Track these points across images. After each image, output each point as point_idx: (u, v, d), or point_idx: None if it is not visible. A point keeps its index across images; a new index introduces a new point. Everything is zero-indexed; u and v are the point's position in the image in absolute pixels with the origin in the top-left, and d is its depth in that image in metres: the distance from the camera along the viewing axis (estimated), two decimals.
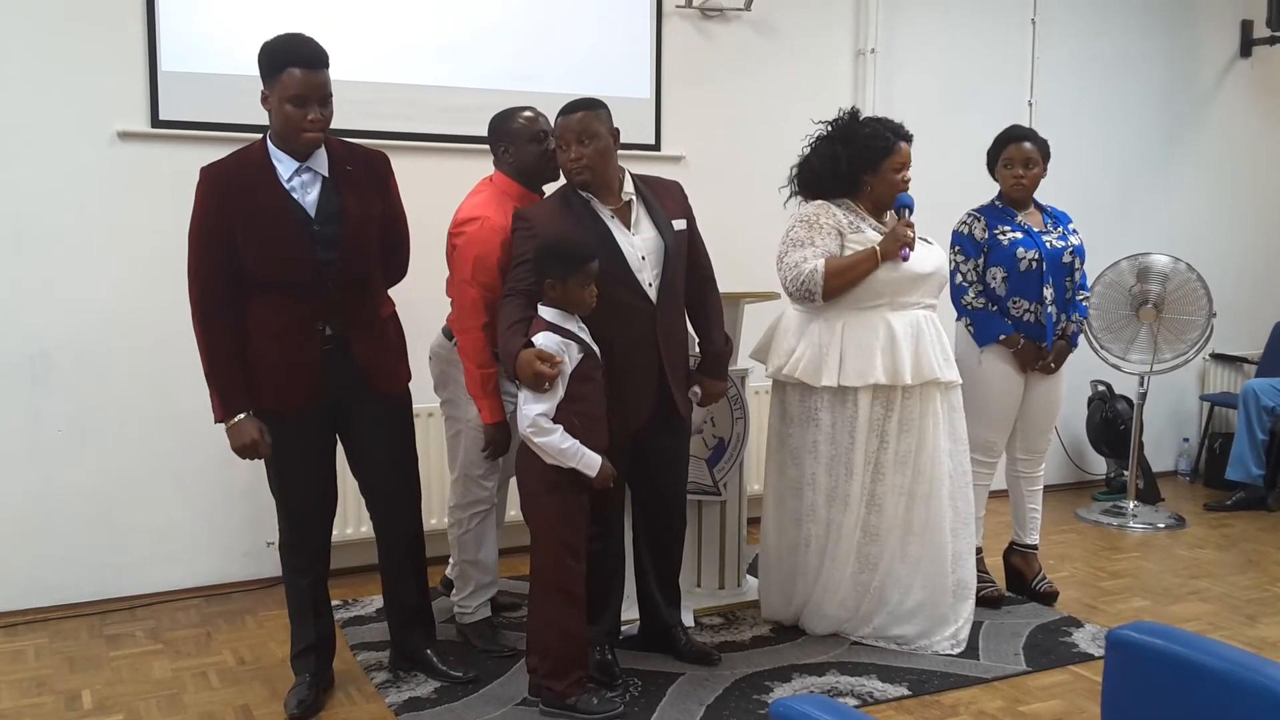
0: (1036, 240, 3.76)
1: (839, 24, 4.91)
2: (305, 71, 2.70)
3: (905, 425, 3.36)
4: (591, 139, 2.97)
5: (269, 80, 2.74)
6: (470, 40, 4.18)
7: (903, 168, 3.41)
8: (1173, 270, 4.92)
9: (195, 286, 2.80)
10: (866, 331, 3.34)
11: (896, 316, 3.35)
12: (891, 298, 3.36)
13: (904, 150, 3.42)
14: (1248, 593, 4.07)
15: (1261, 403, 5.21)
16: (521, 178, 3.27)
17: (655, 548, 3.29)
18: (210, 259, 2.78)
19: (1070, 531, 4.92)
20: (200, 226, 2.79)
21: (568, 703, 2.88)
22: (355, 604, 3.78)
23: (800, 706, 1.32)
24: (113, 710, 3.01)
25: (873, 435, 3.36)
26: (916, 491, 3.36)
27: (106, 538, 3.80)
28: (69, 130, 3.67)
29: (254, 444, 2.82)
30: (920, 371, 3.33)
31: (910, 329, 3.35)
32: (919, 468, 3.36)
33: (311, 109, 2.72)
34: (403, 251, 3.12)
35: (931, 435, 3.36)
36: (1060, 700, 3.10)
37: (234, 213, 2.75)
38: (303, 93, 2.70)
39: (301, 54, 2.71)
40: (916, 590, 3.39)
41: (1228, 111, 5.99)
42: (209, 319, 2.79)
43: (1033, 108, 5.29)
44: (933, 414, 3.37)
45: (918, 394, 3.36)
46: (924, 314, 3.39)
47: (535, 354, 2.73)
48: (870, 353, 3.32)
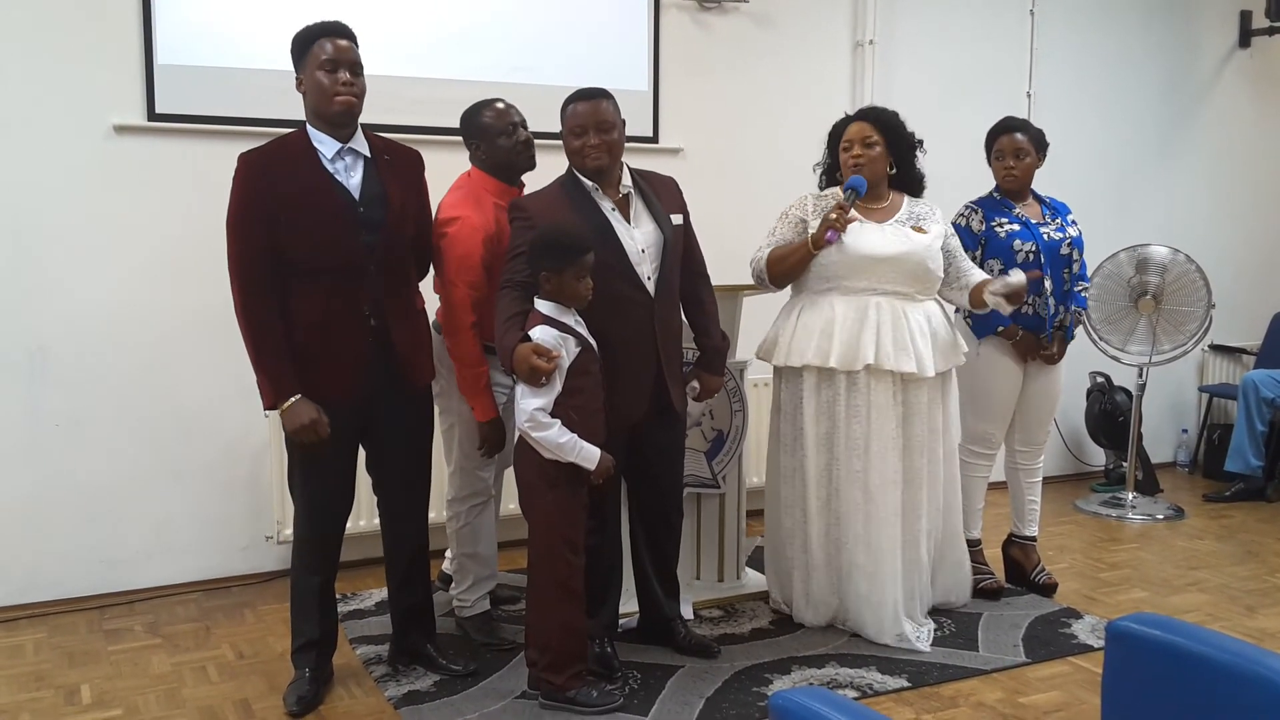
0: (1034, 232, 3.75)
1: (837, 15, 4.90)
2: (334, 40, 2.79)
3: (853, 411, 3.33)
4: (611, 127, 2.98)
5: (300, 60, 2.81)
6: (468, 33, 4.16)
7: (850, 145, 3.38)
8: (1171, 261, 4.92)
9: (237, 272, 2.78)
10: (815, 314, 3.36)
11: (844, 301, 3.33)
12: (838, 282, 3.34)
13: (852, 128, 3.39)
14: (1246, 584, 4.07)
15: (1261, 394, 5.21)
16: (497, 171, 3.24)
17: (653, 540, 3.29)
18: (252, 244, 2.76)
19: (1069, 523, 4.92)
20: (240, 212, 2.78)
21: (567, 695, 2.88)
22: (354, 598, 3.78)
23: (799, 698, 1.31)
24: (112, 705, 3.01)
25: (822, 418, 3.37)
26: (869, 483, 3.33)
27: (105, 532, 3.80)
28: (65, 124, 3.65)
29: (314, 423, 2.78)
30: (849, 358, 3.28)
31: (855, 314, 3.30)
32: (869, 458, 3.32)
33: (342, 73, 2.77)
34: (428, 252, 3.12)
35: (880, 425, 3.31)
36: (1060, 691, 3.10)
37: (275, 197, 2.75)
38: (333, 57, 2.77)
39: (329, 26, 2.82)
40: (882, 581, 3.36)
41: (1227, 102, 5.98)
42: (253, 304, 2.78)
43: (1031, 99, 5.28)
44: (883, 404, 3.31)
45: (864, 381, 3.31)
46: (881, 300, 3.31)
47: (532, 348, 2.72)
48: (810, 335, 3.34)
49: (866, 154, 3.36)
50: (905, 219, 3.40)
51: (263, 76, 3.79)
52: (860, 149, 3.36)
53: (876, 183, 3.40)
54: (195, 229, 3.63)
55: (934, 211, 3.48)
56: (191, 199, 3.72)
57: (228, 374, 3.74)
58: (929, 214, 3.46)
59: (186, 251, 3.73)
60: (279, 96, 3.66)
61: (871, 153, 3.36)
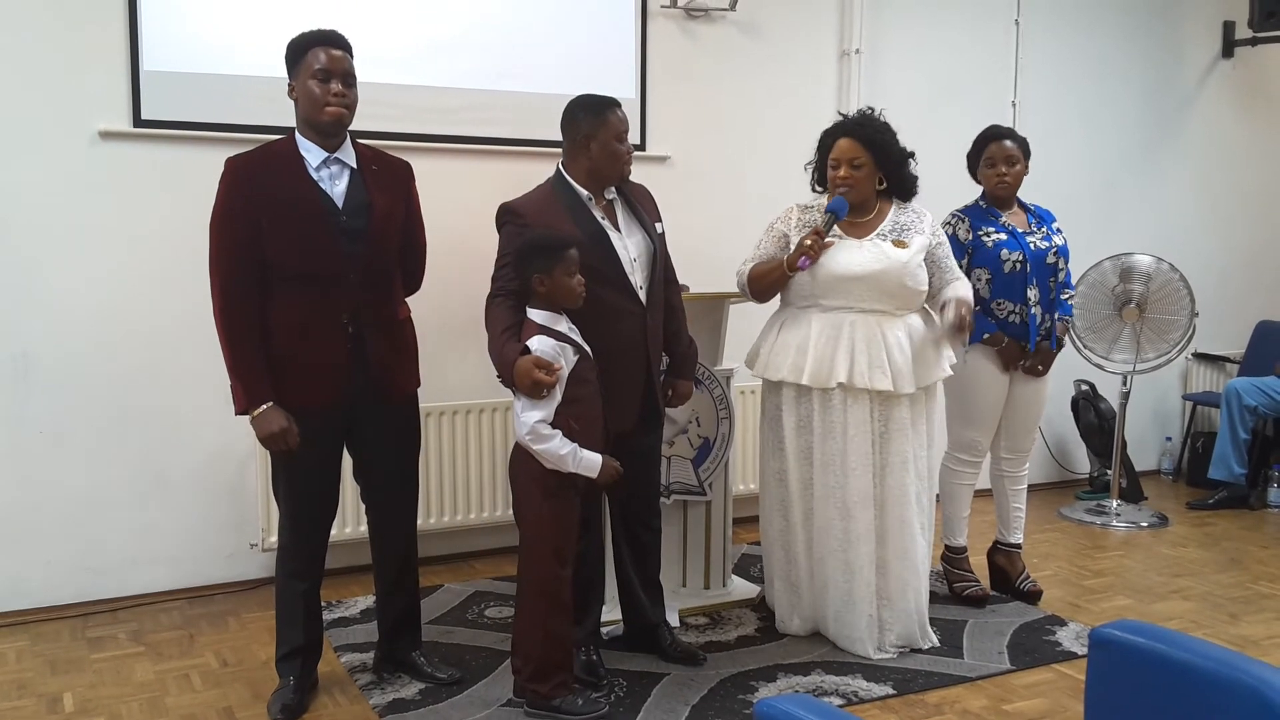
0: (1020, 241, 3.77)
1: (824, 25, 4.92)
2: (328, 50, 2.79)
3: (829, 429, 3.31)
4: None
5: (294, 68, 2.82)
6: (455, 40, 4.16)
7: (838, 164, 3.34)
8: (1155, 270, 4.95)
9: (217, 275, 2.78)
10: (794, 330, 3.37)
11: (821, 318, 3.32)
12: (816, 299, 3.34)
13: (840, 145, 3.35)
14: (1230, 591, 4.09)
15: (1244, 402, 5.24)
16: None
17: (635, 545, 3.28)
18: (234, 248, 2.76)
19: (1054, 530, 4.93)
20: (223, 215, 2.78)
21: (553, 704, 2.87)
22: (339, 605, 3.76)
23: (785, 706, 1.31)
24: (94, 713, 2.99)
25: (803, 431, 3.36)
26: (847, 500, 3.31)
27: (88, 539, 3.77)
28: (51, 129, 3.64)
29: (282, 431, 2.78)
30: (822, 375, 3.27)
31: (830, 332, 3.29)
32: (846, 476, 3.29)
33: (334, 83, 2.77)
34: (419, 262, 3.12)
35: (857, 444, 3.27)
36: (1044, 699, 3.11)
37: (260, 201, 2.75)
38: (326, 67, 2.77)
39: (324, 35, 2.82)
40: (855, 599, 3.34)
41: (1210, 112, 6.02)
42: (231, 308, 2.77)
43: (1016, 108, 5.31)
44: (859, 422, 3.27)
45: (839, 399, 3.28)
46: (856, 318, 3.27)
47: (533, 361, 2.71)
48: (787, 351, 3.35)
49: (853, 175, 3.32)
50: (888, 232, 3.35)
51: (249, 83, 3.78)
52: (847, 170, 3.32)
53: (863, 200, 3.38)
54: (181, 235, 3.62)
55: (922, 220, 3.41)
56: (177, 205, 3.70)
57: (212, 380, 3.67)
58: (915, 224, 3.39)
59: (172, 257, 3.72)
60: (265, 103, 3.67)
61: (858, 174, 3.33)
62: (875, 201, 3.42)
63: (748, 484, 4.68)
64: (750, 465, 4.68)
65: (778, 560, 3.52)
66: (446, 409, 4.15)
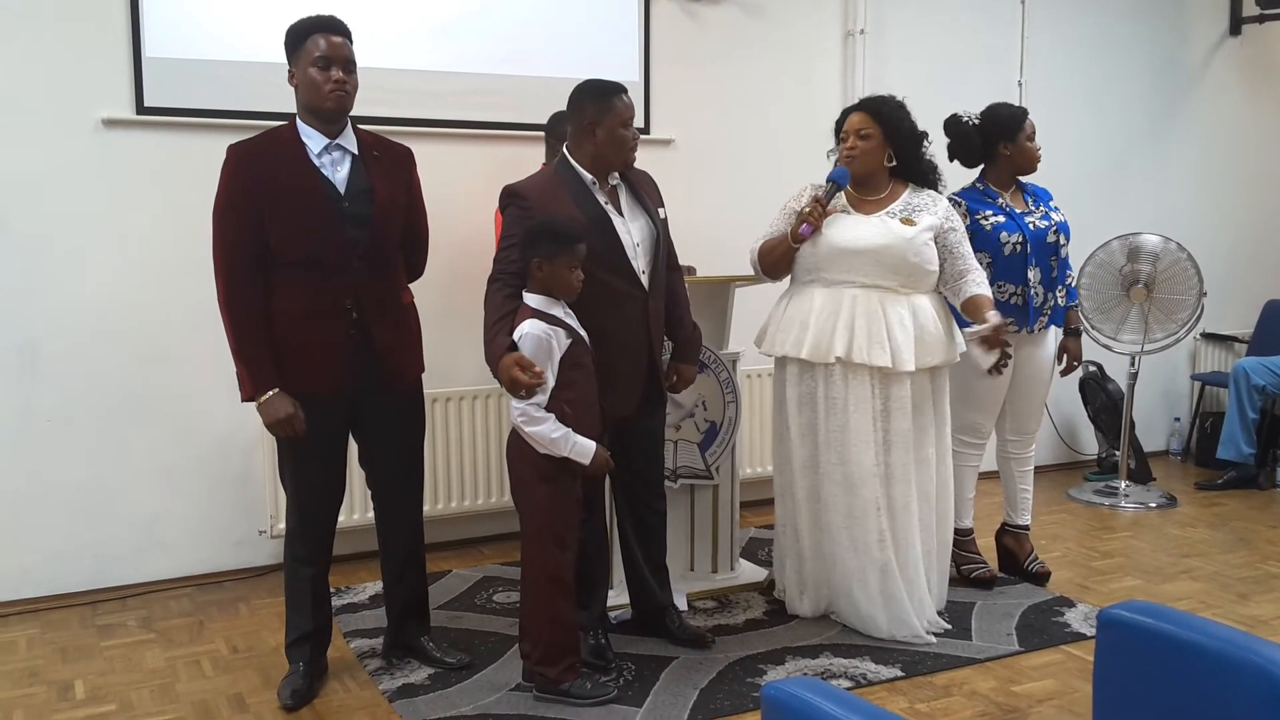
0: (1019, 222, 3.74)
1: (828, 5, 4.89)
2: (328, 36, 2.78)
3: (831, 404, 3.32)
4: None
5: (294, 54, 2.81)
6: (456, 24, 4.14)
7: (847, 136, 3.38)
8: (1163, 250, 4.93)
9: (221, 262, 2.79)
10: (797, 305, 3.38)
11: (824, 293, 3.32)
12: (818, 274, 3.34)
13: (851, 118, 3.40)
14: (1239, 571, 4.08)
15: (1252, 381, 5.23)
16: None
17: (641, 529, 3.28)
18: (236, 234, 2.77)
19: (1062, 512, 4.93)
20: (226, 202, 2.79)
21: (562, 688, 2.88)
22: (348, 591, 3.77)
23: (793, 689, 1.31)
24: (105, 700, 3.00)
25: (805, 408, 3.37)
26: (850, 475, 3.31)
27: (97, 528, 3.78)
28: (53, 117, 3.63)
29: (289, 418, 2.79)
30: (821, 350, 3.28)
31: (831, 306, 3.29)
32: (847, 451, 3.30)
33: (335, 70, 2.77)
34: (422, 248, 3.12)
35: (858, 419, 3.27)
36: (1052, 680, 3.11)
37: (262, 188, 2.75)
38: (326, 54, 2.77)
39: (324, 22, 2.82)
40: (865, 576, 3.34)
41: (1217, 90, 5.99)
42: (236, 295, 2.78)
43: (1022, 88, 5.28)
44: (861, 398, 3.27)
45: (840, 374, 3.29)
46: (858, 293, 3.28)
47: (515, 359, 2.70)
48: (791, 325, 3.36)
49: (859, 145, 3.34)
50: (897, 211, 3.35)
51: (252, 69, 3.77)
52: (854, 140, 3.35)
53: (870, 174, 3.38)
54: (185, 222, 3.62)
55: (936, 203, 3.40)
56: (181, 192, 3.70)
57: (219, 368, 3.69)
58: (927, 205, 3.38)
59: (177, 245, 3.72)
60: (268, 89, 3.65)
61: (865, 144, 3.34)
62: (888, 181, 3.42)
63: (755, 468, 4.68)
64: (758, 449, 4.68)
65: (788, 540, 3.52)
66: (453, 395, 4.15)
